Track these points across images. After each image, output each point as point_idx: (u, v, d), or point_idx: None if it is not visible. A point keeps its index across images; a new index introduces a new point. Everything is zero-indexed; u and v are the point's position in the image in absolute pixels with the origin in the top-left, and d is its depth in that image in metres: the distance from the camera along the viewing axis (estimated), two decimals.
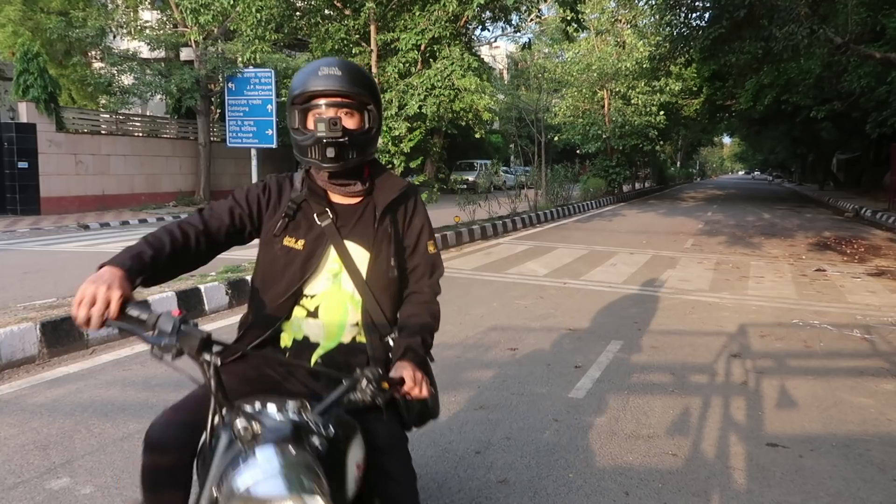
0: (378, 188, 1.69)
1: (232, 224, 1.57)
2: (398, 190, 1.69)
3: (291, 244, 1.59)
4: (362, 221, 1.65)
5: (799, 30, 10.03)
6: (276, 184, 1.66)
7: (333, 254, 1.61)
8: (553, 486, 2.76)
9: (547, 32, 27.01)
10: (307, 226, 1.61)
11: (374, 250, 1.64)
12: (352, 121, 1.56)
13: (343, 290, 1.63)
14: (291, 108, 1.57)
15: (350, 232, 1.63)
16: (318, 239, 1.60)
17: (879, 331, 5.50)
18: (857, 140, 28.62)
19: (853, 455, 3.12)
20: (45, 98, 14.66)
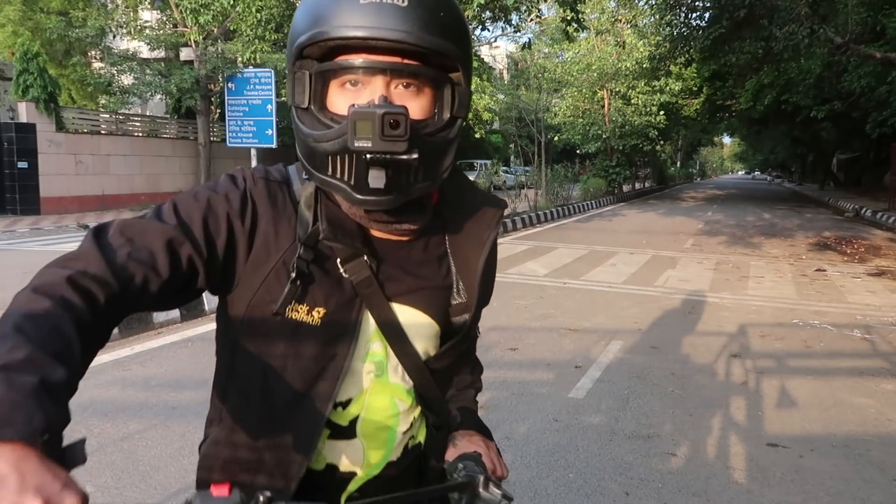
0: (451, 210, 0.96)
1: (173, 274, 0.76)
2: (493, 223, 0.96)
3: (301, 316, 0.85)
4: (423, 269, 0.93)
5: (799, 30, 10.03)
6: (266, 195, 0.86)
7: (373, 327, 0.90)
8: (553, 486, 2.76)
9: (547, 32, 27.01)
10: (327, 281, 0.86)
11: (443, 317, 0.95)
12: (420, 105, 0.81)
13: (390, 385, 0.93)
14: (296, 67, 0.82)
15: (400, 287, 0.91)
16: (348, 305, 0.87)
17: (879, 331, 5.50)
18: (858, 140, 28.63)
19: (853, 455, 3.12)
20: (45, 98, 14.66)
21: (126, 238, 0.76)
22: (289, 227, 0.86)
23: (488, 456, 0.94)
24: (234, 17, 12.52)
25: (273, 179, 0.89)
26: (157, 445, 3.05)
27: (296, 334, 0.86)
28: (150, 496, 2.63)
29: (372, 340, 0.91)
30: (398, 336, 0.91)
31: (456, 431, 1.00)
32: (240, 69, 16.59)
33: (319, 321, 0.86)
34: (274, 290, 0.84)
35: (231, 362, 0.91)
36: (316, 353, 0.87)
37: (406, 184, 0.81)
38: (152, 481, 2.73)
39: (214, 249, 0.81)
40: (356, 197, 0.80)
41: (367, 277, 0.87)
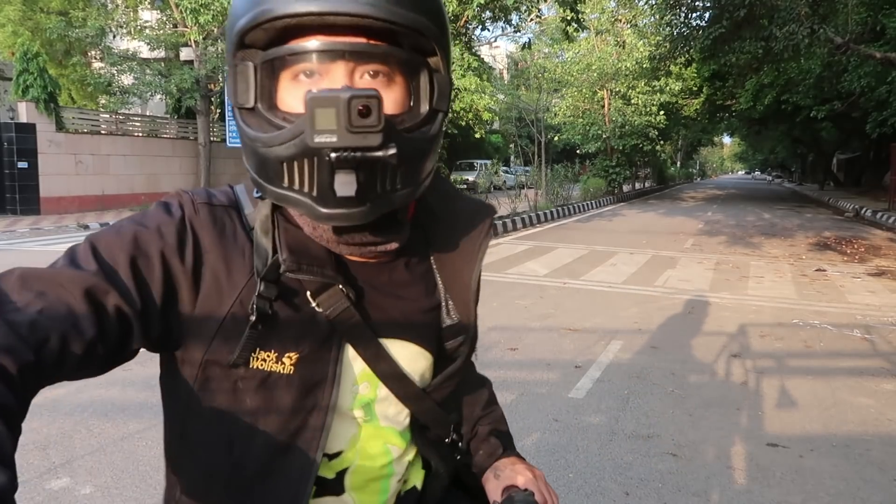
0: (433, 221, 0.84)
1: (99, 332, 0.61)
2: (483, 232, 0.85)
3: (269, 365, 0.71)
4: (408, 292, 0.80)
5: (799, 29, 10.04)
6: (211, 224, 0.71)
7: (359, 367, 0.77)
8: (553, 485, 2.75)
9: (547, 32, 27.02)
10: (297, 320, 0.72)
11: (434, 343, 0.83)
12: (392, 96, 0.68)
13: (382, 429, 0.81)
14: (237, 59, 0.67)
15: (385, 317, 0.78)
16: (326, 345, 0.73)
17: (879, 331, 5.50)
18: (857, 140, 28.66)
19: (853, 455, 3.12)
20: (45, 98, 14.66)
21: (32, 291, 0.59)
22: (242, 260, 0.70)
23: (540, 491, 0.84)
24: None
25: (218, 203, 0.73)
26: (157, 445, 3.05)
27: (265, 387, 0.71)
28: (150, 496, 2.63)
29: (358, 382, 0.76)
30: (393, 373, 0.77)
31: (499, 460, 0.90)
32: None
33: (293, 368, 0.71)
34: (232, 338, 0.68)
35: (183, 432, 0.74)
36: (292, 406, 0.71)
37: (382, 191, 0.65)
38: (152, 481, 2.74)
39: (149, 297, 0.65)
40: (320, 211, 0.64)
41: (345, 309, 0.72)
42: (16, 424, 0.54)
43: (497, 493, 0.84)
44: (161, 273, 0.66)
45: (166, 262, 0.67)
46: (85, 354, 0.60)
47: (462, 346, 0.84)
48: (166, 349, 0.72)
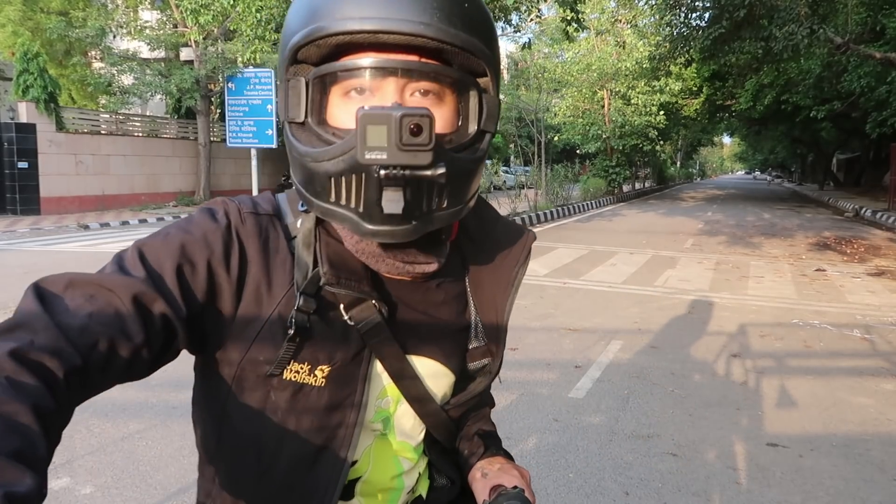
0: (472, 244, 0.85)
1: (146, 338, 0.62)
2: (522, 258, 0.87)
3: (302, 377, 0.72)
4: (440, 312, 0.81)
5: (799, 30, 10.04)
6: (256, 234, 0.72)
7: (385, 381, 0.78)
8: (553, 485, 2.76)
9: (547, 32, 27.05)
10: (331, 334, 0.73)
11: (459, 365, 0.84)
12: (441, 115, 0.68)
13: (396, 443, 0.82)
14: (290, 73, 0.68)
15: (415, 335, 0.79)
16: (356, 359, 0.74)
17: (879, 331, 5.50)
18: (857, 140, 28.66)
19: (853, 455, 3.12)
20: (45, 98, 14.67)
21: (82, 296, 0.60)
22: (283, 271, 0.71)
23: (521, 481, 0.85)
24: (234, 18, 12.51)
25: (263, 213, 0.74)
26: (157, 445, 3.06)
27: (296, 398, 0.72)
28: (150, 496, 2.63)
29: (381, 396, 0.78)
30: (416, 390, 0.78)
31: (484, 459, 0.90)
32: (240, 69, 16.59)
33: (324, 381, 0.72)
34: (268, 348, 0.70)
35: (219, 432, 0.75)
36: (321, 417, 0.73)
37: (428, 209, 0.65)
38: (152, 481, 2.74)
39: (193, 305, 0.66)
40: (366, 227, 0.64)
41: (377, 325, 0.73)
42: (54, 430, 0.53)
43: (485, 492, 0.83)
44: (206, 281, 0.67)
45: (212, 270, 0.68)
46: (131, 359, 0.61)
47: (485, 369, 0.84)
48: (205, 351, 0.73)
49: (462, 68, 0.68)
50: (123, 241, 10.61)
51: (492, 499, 0.81)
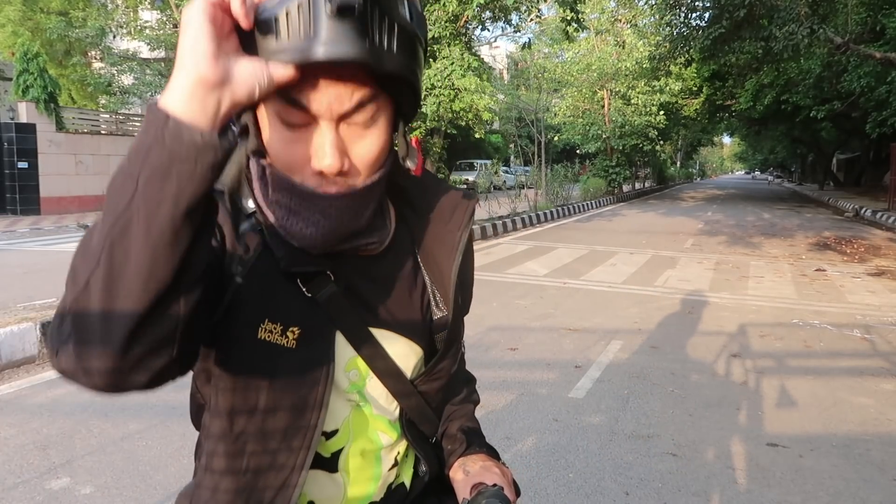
0: (415, 214, 0.87)
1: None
2: (463, 221, 0.87)
3: (275, 338, 0.75)
4: (396, 286, 0.83)
5: (799, 29, 10.04)
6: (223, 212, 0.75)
7: (350, 353, 0.80)
8: (553, 485, 2.76)
9: (547, 32, 27.03)
10: (296, 300, 0.77)
11: (425, 337, 0.86)
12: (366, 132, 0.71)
13: (374, 417, 0.84)
14: None
15: (374, 309, 0.81)
16: (322, 326, 0.78)
17: (879, 331, 5.50)
18: (857, 140, 28.67)
19: (853, 455, 3.12)
20: (45, 98, 14.67)
21: None
22: (245, 241, 0.76)
23: (509, 488, 0.85)
24: None
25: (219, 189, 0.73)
26: (157, 445, 3.06)
27: (270, 356, 0.74)
28: (150, 496, 2.63)
29: (349, 368, 0.80)
30: (381, 361, 0.81)
31: (465, 456, 0.90)
32: None
33: (295, 343, 0.75)
34: (242, 307, 0.74)
35: (206, 402, 0.80)
36: (295, 380, 0.75)
37: (381, 43, 0.65)
38: (152, 481, 2.74)
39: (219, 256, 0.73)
40: (316, 49, 0.61)
41: (334, 294, 0.77)
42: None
43: (466, 489, 0.84)
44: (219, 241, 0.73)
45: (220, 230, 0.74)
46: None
47: (449, 339, 0.86)
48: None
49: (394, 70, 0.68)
50: None
51: (472, 496, 0.82)
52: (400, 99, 0.73)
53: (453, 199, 0.88)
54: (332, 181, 0.70)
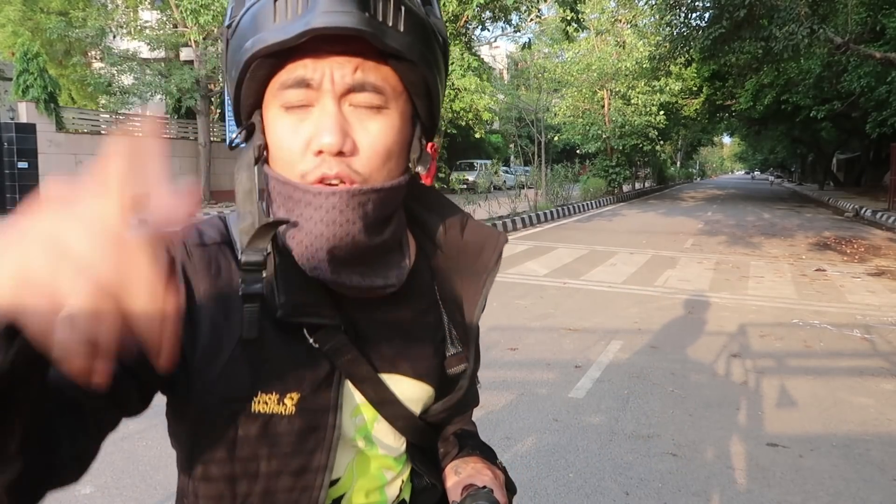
0: (437, 248, 0.81)
1: (113, 397, 0.64)
2: (491, 261, 0.80)
3: (271, 408, 0.69)
4: (411, 326, 0.78)
5: (799, 30, 10.04)
6: (205, 268, 0.67)
7: (357, 399, 0.74)
8: (553, 486, 2.76)
9: (547, 32, 27.03)
10: (297, 359, 0.69)
11: (437, 377, 0.80)
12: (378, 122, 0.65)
13: (379, 456, 0.79)
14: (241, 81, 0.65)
15: (386, 352, 0.75)
16: (326, 381, 0.71)
17: (879, 331, 5.50)
18: (857, 140, 28.67)
19: (853, 455, 3.12)
20: (45, 98, 14.67)
21: None
22: (239, 301, 0.65)
23: (500, 490, 0.82)
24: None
25: (210, 243, 0.69)
26: (157, 445, 3.06)
27: (266, 430, 0.68)
28: (150, 496, 2.63)
29: (355, 414, 0.75)
30: (390, 406, 0.75)
31: (458, 458, 0.87)
32: None
33: (294, 409, 0.68)
34: (233, 382, 0.66)
35: (190, 471, 0.72)
36: (295, 445, 0.70)
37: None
38: (152, 481, 2.74)
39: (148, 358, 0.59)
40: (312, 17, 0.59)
41: (343, 346, 0.70)
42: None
43: (457, 491, 0.82)
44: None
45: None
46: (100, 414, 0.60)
47: (464, 373, 0.81)
48: (174, 393, 0.72)
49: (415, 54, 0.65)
50: None
51: (461, 498, 0.81)
52: (416, 97, 0.67)
53: (481, 235, 0.81)
54: (334, 166, 0.62)
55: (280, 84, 0.63)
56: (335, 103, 0.62)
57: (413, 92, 0.67)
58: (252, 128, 0.67)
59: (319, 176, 0.62)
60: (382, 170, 0.65)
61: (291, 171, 0.64)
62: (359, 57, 0.62)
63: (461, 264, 0.80)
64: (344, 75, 0.62)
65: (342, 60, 0.61)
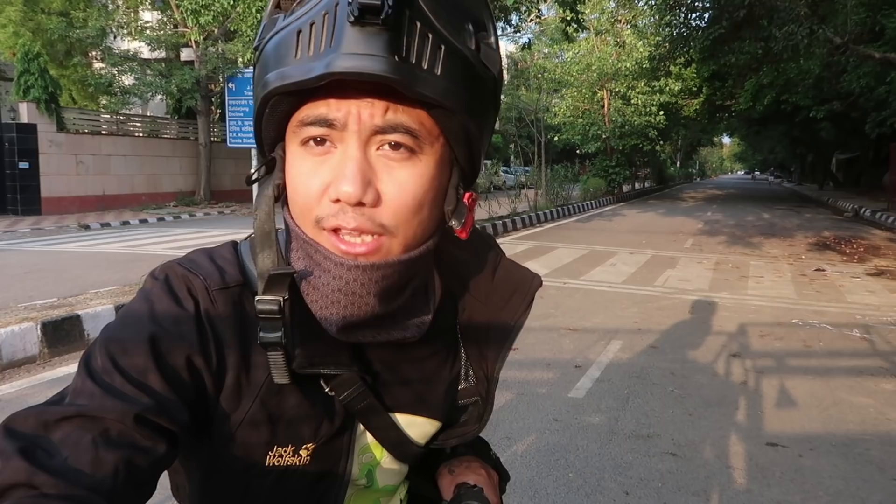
0: (464, 287, 0.77)
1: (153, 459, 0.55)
2: (523, 306, 0.78)
3: (286, 460, 0.67)
4: (427, 367, 0.75)
5: (798, 30, 10.05)
6: (231, 314, 0.63)
7: (367, 439, 0.73)
8: (553, 485, 2.77)
9: (547, 32, 27.07)
10: (313, 410, 0.67)
11: (447, 412, 0.79)
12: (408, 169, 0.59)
13: (379, 489, 0.78)
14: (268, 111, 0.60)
15: (401, 395, 0.73)
16: (340, 429, 0.69)
17: (878, 330, 5.51)
18: (857, 140, 28.64)
19: (852, 454, 3.13)
20: (46, 98, 14.69)
21: (72, 432, 0.51)
22: (261, 352, 0.62)
23: (492, 490, 0.81)
24: (234, 18, 12.53)
25: (233, 285, 0.64)
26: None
27: (281, 480, 0.67)
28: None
29: (363, 452, 0.73)
30: (399, 445, 0.74)
31: (454, 458, 0.86)
32: (240, 69, 16.55)
33: (309, 458, 0.67)
34: (251, 437, 0.63)
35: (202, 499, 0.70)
36: (306, 493, 0.69)
37: (419, 53, 0.55)
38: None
39: (185, 409, 0.58)
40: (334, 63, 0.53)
41: (360, 393, 0.67)
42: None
43: (449, 490, 0.83)
44: (190, 380, 0.59)
45: (192, 366, 0.59)
46: (150, 477, 0.55)
47: (475, 404, 0.79)
48: (194, 441, 0.66)
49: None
50: (124, 241, 10.63)
51: (452, 496, 0.82)
52: (455, 143, 0.61)
53: (513, 278, 0.77)
54: (353, 219, 0.57)
55: (300, 121, 0.58)
56: (359, 147, 0.57)
57: (451, 138, 0.60)
58: (273, 163, 0.63)
59: (335, 226, 0.58)
60: (412, 222, 0.60)
61: (307, 215, 0.59)
62: (390, 96, 0.55)
63: (489, 307, 0.76)
64: (373, 115, 0.56)
65: (371, 100, 0.56)
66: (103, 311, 4.93)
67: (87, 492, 0.47)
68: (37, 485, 0.46)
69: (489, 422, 0.82)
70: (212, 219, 15.21)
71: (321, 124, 0.57)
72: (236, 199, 19.78)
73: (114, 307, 5.00)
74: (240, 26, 10.45)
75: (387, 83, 0.52)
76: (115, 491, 0.49)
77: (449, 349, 0.76)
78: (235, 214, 16.44)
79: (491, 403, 0.80)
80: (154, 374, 0.56)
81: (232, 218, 15.49)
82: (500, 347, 0.76)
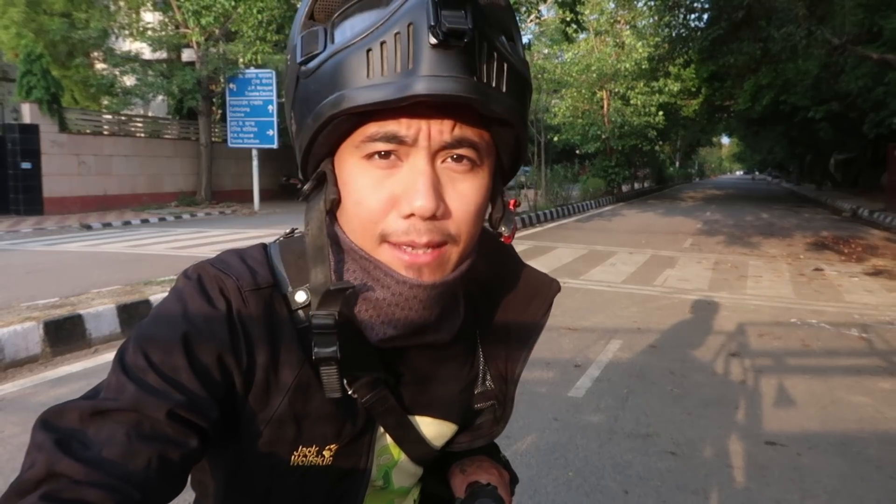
0: (484, 293, 0.78)
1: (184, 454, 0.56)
2: (541, 311, 0.80)
3: (310, 460, 0.68)
4: (447, 371, 0.76)
5: (797, 31, 10.09)
6: (262, 315, 0.64)
7: (386, 441, 0.75)
8: (553, 484, 2.80)
9: (546, 33, 27.09)
10: (337, 412, 0.68)
11: (464, 416, 0.80)
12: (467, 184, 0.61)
13: (394, 490, 0.80)
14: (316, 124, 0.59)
15: (420, 397, 0.75)
16: (362, 430, 0.71)
17: (877, 330, 5.54)
18: (855, 140, 28.64)
19: (851, 453, 3.16)
20: (48, 99, 14.71)
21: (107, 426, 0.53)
22: (290, 355, 0.64)
23: (504, 489, 0.82)
24: (235, 19, 12.56)
25: (264, 286, 0.65)
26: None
27: (304, 480, 0.68)
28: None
29: (382, 454, 0.74)
30: (417, 446, 0.75)
31: (465, 458, 0.87)
32: (241, 70, 16.61)
33: (332, 459, 0.68)
34: (278, 437, 0.65)
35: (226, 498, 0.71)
36: (327, 493, 0.70)
37: (489, 77, 0.57)
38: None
39: (216, 406, 0.59)
40: (416, 85, 0.54)
41: (383, 396, 0.69)
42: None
43: (461, 489, 0.83)
44: (221, 378, 0.60)
45: (224, 365, 0.61)
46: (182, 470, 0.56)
47: (491, 408, 0.81)
48: (221, 438, 0.66)
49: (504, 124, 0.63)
50: (126, 241, 10.65)
51: (465, 495, 0.82)
52: (503, 152, 0.64)
53: (533, 284, 0.79)
54: (425, 233, 0.58)
55: (368, 136, 0.58)
56: (429, 162, 0.58)
57: (502, 148, 0.64)
58: (323, 177, 0.63)
59: (407, 241, 0.59)
60: (472, 231, 0.62)
61: (371, 229, 0.60)
62: (457, 113, 0.58)
63: (509, 311, 0.78)
64: (442, 132, 0.58)
65: (441, 118, 0.57)
66: (105, 311, 4.95)
67: (121, 482, 0.49)
68: (72, 475, 0.48)
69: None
70: (213, 219, 15.23)
71: (390, 140, 0.57)
72: (237, 200, 19.81)
73: (115, 307, 5.03)
74: (241, 27, 10.47)
75: (460, 102, 0.54)
76: (148, 482, 0.51)
77: (467, 353, 0.77)
78: (236, 214, 16.46)
79: (510, 406, 0.81)
80: (186, 371, 0.58)
81: (233, 218, 15.50)
82: (521, 349, 0.79)
